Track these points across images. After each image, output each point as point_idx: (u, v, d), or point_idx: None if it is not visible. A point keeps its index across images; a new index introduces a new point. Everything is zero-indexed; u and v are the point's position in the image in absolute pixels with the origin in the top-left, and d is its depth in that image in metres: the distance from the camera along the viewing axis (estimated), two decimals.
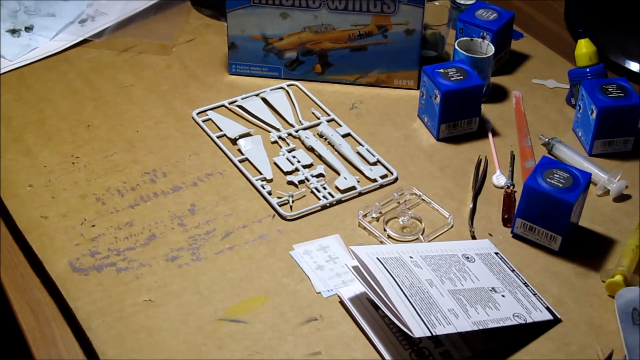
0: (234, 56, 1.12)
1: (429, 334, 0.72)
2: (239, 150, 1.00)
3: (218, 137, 1.02)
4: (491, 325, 0.76)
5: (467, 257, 0.84)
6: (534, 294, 0.82)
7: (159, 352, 0.77)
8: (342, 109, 1.08)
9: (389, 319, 0.76)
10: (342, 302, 0.82)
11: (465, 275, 0.81)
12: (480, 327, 0.75)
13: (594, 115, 0.99)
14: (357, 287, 0.81)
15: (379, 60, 1.10)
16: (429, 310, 0.75)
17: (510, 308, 0.79)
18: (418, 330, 0.72)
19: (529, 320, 0.79)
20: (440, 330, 0.73)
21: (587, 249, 0.89)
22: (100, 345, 0.77)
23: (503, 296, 0.81)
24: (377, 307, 0.79)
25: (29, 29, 1.20)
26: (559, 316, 0.81)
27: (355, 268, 0.79)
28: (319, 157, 1.00)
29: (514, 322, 0.78)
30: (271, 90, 1.10)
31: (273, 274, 0.85)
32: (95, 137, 1.01)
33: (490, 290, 0.81)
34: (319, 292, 0.83)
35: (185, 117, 1.05)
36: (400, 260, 0.80)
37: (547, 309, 0.81)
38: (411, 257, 0.81)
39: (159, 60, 1.15)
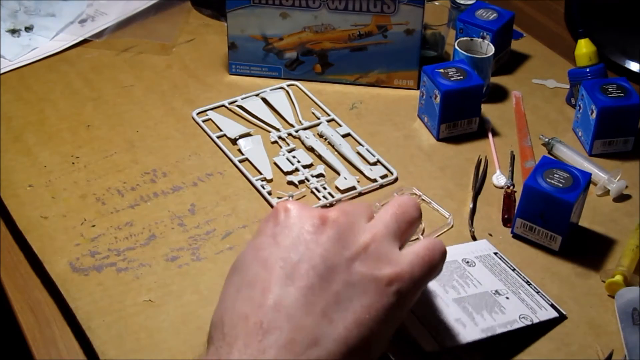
0: (234, 56, 1.12)
1: (439, 349, 0.72)
2: (239, 150, 1.00)
3: (218, 137, 1.02)
4: (499, 330, 0.76)
5: (467, 262, 0.84)
6: (537, 292, 0.82)
7: (159, 352, 0.77)
8: (342, 109, 1.08)
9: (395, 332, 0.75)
10: None
11: (468, 281, 0.81)
12: (489, 334, 0.75)
13: (594, 115, 0.99)
14: None
15: (379, 60, 1.10)
16: (436, 323, 0.74)
17: (516, 310, 0.79)
18: (428, 346, 0.72)
19: (535, 321, 0.79)
20: (449, 342, 0.73)
21: (587, 249, 0.89)
22: (100, 345, 0.77)
23: (507, 298, 0.80)
24: None
25: (29, 29, 1.20)
26: (564, 312, 0.81)
27: None
28: (319, 157, 1.00)
29: (521, 325, 0.78)
30: (271, 90, 1.10)
31: None
32: (95, 137, 1.02)
33: (494, 294, 0.80)
34: None
35: (185, 117, 1.05)
36: None
37: (552, 306, 0.81)
38: None
39: (159, 60, 1.15)
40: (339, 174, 0.97)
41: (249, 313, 0.55)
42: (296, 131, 1.03)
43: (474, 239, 0.89)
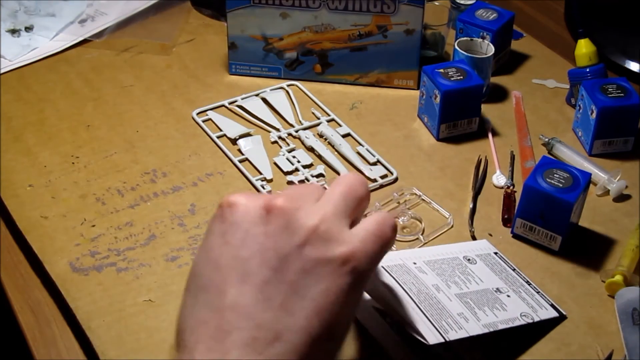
0: (234, 56, 1.12)
1: (443, 340, 0.72)
2: (239, 150, 1.00)
3: (218, 137, 1.02)
4: (501, 326, 0.76)
5: (469, 259, 0.84)
6: (537, 292, 0.82)
7: (159, 352, 0.77)
8: (342, 109, 1.08)
9: (397, 326, 0.75)
10: None
11: (469, 277, 0.81)
12: (491, 330, 0.75)
13: (594, 115, 0.99)
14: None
15: (379, 60, 1.10)
16: (439, 316, 0.74)
17: (517, 308, 0.79)
18: (432, 338, 0.72)
19: (536, 319, 0.79)
20: (452, 335, 0.73)
21: (587, 249, 0.89)
22: (100, 345, 0.77)
23: (508, 296, 0.80)
24: (384, 315, 0.78)
25: (29, 29, 1.20)
26: (564, 312, 0.81)
27: None
28: (319, 157, 1.00)
29: (522, 322, 0.78)
30: (271, 90, 1.10)
31: None
32: (95, 137, 1.02)
33: (495, 291, 0.81)
34: None
35: (185, 117, 1.05)
36: (404, 267, 0.80)
37: (552, 306, 0.81)
38: (415, 263, 0.81)
39: (159, 60, 1.15)
40: (339, 174, 0.97)
41: (208, 318, 0.54)
42: (296, 131, 1.03)
43: (474, 239, 0.89)
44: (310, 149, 1.01)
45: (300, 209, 0.57)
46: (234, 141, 1.02)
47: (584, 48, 1.07)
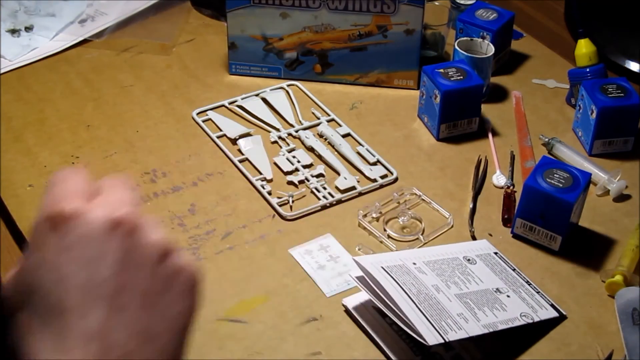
0: (234, 56, 1.12)
1: (442, 341, 0.72)
2: (239, 150, 1.00)
3: (218, 137, 1.02)
4: (501, 327, 0.76)
5: (469, 259, 0.84)
6: (537, 292, 0.82)
7: None
8: (342, 109, 1.08)
9: (397, 326, 0.75)
10: (343, 304, 0.82)
11: (469, 277, 0.81)
12: (491, 330, 0.75)
13: (594, 115, 0.99)
14: (361, 295, 0.81)
15: (379, 60, 1.10)
16: (439, 317, 0.74)
17: (517, 308, 0.79)
18: (431, 338, 0.72)
19: (536, 319, 0.79)
20: (452, 336, 0.73)
21: (587, 249, 0.89)
22: None
23: (508, 296, 0.80)
24: (384, 315, 0.78)
25: (29, 29, 1.20)
26: (564, 313, 0.81)
27: (360, 278, 0.79)
28: (319, 157, 1.00)
29: (522, 322, 0.78)
30: (271, 90, 1.10)
31: (273, 274, 0.85)
32: (95, 137, 1.02)
33: (495, 292, 0.81)
34: (323, 292, 0.83)
35: (185, 117, 1.05)
36: (404, 268, 0.80)
37: (552, 306, 0.81)
38: (414, 264, 0.81)
39: (159, 60, 1.15)
40: (339, 174, 0.97)
41: (71, 347, 0.49)
42: (296, 131, 1.03)
43: (474, 238, 0.89)
44: (310, 149, 1.01)
45: (142, 224, 0.54)
46: (234, 141, 1.02)
47: (584, 48, 1.07)
